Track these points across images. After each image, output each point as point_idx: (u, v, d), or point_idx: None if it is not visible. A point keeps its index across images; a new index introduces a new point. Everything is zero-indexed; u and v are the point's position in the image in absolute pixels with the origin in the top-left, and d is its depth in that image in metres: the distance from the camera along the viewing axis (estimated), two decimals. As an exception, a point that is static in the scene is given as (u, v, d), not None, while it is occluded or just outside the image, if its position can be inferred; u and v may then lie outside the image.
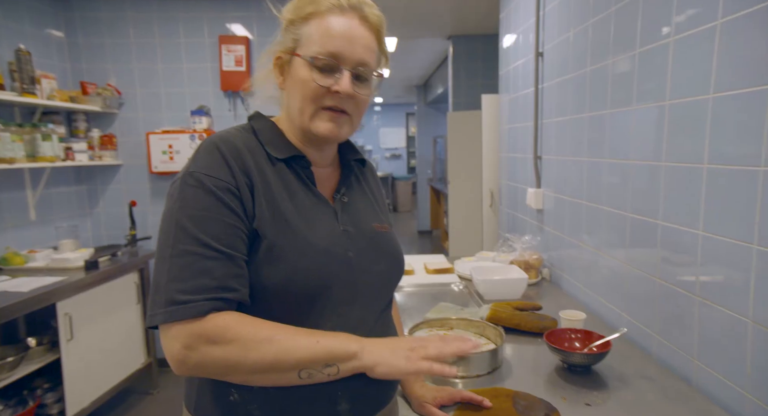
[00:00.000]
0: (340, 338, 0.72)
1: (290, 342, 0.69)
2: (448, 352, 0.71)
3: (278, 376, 0.70)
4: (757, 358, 0.95)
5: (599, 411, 1.03)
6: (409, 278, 2.06)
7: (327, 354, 0.70)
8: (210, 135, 0.81)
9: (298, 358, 0.69)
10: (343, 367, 0.71)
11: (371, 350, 0.71)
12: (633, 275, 1.40)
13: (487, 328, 1.38)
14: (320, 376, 0.70)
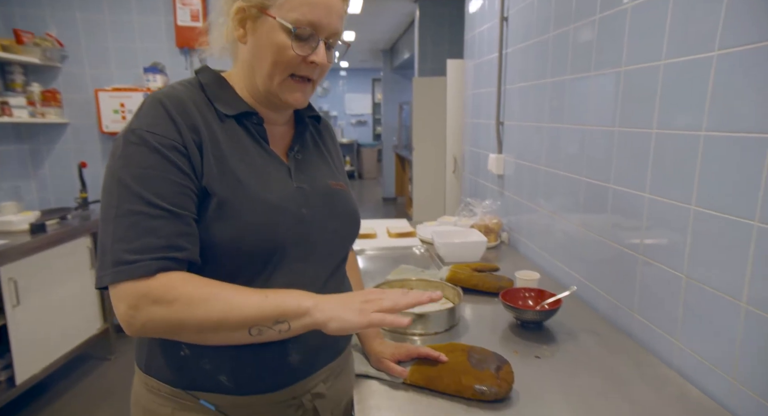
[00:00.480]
0: (292, 294, 0.72)
1: (238, 299, 0.68)
2: (403, 304, 0.70)
3: (228, 334, 0.69)
4: (689, 309, 1.03)
5: (547, 363, 1.09)
6: (372, 241, 2.08)
7: (277, 310, 0.69)
8: (154, 91, 0.77)
9: (247, 315, 0.68)
10: (294, 324, 0.70)
11: (324, 306, 0.71)
12: (585, 238, 1.46)
13: (446, 288, 1.42)
14: (271, 333, 0.70)
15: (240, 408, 0.76)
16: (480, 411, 0.92)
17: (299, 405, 0.81)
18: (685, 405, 0.93)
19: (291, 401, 0.80)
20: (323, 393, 0.84)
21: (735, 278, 0.91)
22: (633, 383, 1.01)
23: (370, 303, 0.70)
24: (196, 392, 0.75)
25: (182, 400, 0.75)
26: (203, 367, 0.74)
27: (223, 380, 0.75)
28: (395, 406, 0.93)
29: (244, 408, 0.76)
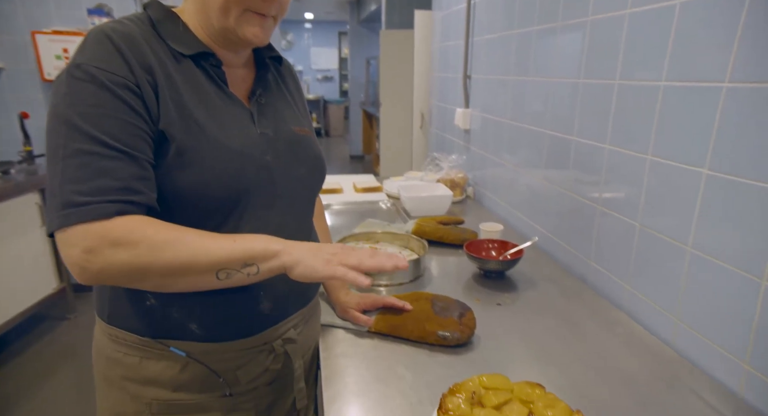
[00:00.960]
0: (261, 238, 0.70)
1: (205, 242, 0.66)
2: (368, 265, 0.70)
3: (195, 279, 0.67)
4: (641, 255, 1.08)
5: (508, 309, 1.13)
6: (338, 196, 2.06)
7: (246, 253, 0.67)
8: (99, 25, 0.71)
9: (216, 258, 0.66)
10: (263, 267, 0.69)
11: (292, 250, 0.70)
12: (548, 191, 1.49)
13: (412, 241, 1.43)
14: (239, 276, 0.69)
15: (211, 354, 0.76)
16: (442, 355, 0.95)
17: (270, 350, 0.81)
18: (633, 343, 0.99)
19: (262, 346, 0.80)
20: (294, 338, 0.85)
21: (683, 224, 0.95)
22: (586, 325, 1.06)
23: (337, 256, 0.70)
24: (166, 340, 0.74)
25: (151, 348, 0.74)
26: (172, 316, 0.73)
27: (194, 328, 0.74)
28: (360, 353, 0.95)
29: (216, 354, 0.76)
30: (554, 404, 0.75)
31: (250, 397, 0.81)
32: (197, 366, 0.75)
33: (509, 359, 0.94)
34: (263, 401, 0.82)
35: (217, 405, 0.78)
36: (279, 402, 0.86)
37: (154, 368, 0.74)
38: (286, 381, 0.86)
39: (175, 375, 0.75)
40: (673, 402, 0.82)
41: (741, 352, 0.84)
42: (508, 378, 0.81)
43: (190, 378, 0.75)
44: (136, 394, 0.75)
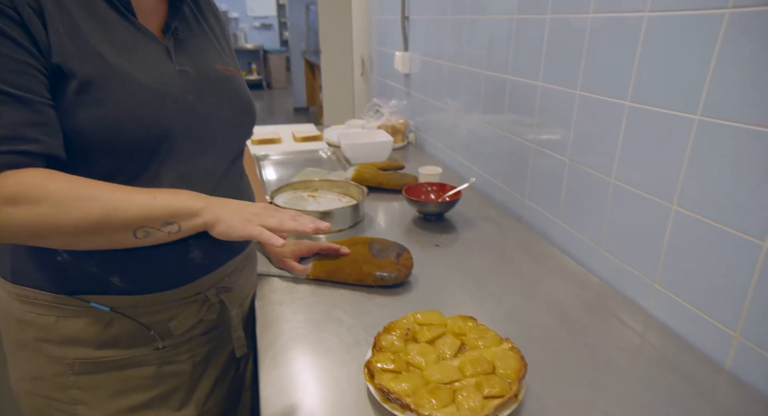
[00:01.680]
0: (182, 194, 0.66)
1: (120, 198, 0.62)
2: (288, 227, 0.68)
3: (109, 237, 0.63)
4: (570, 191, 1.11)
5: (446, 250, 1.15)
6: (276, 146, 1.99)
7: (166, 210, 0.64)
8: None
9: (133, 216, 0.62)
10: (184, 225, 0.66)
11: (214, 208, 0.67)
12: (486, 133, 1.50)
13: (351, 187, 1.41)
14: (159, 235, 0.65)
15: (139, 308, 0.72)
16: (380, 297, 0.96)
17: (204, 300, 0.78)
18: (562, 274, 1.04)
19: (195, 296, 0.77)
20: (229, 286, 0.82)
21: (608, 157, 0.98)
22: (521, 261, 1.10)
23: (258, 216, 0.68)
24: (85, 295, 0.69)
25: (68, 306, 0.69)
26: (89, 271, 0.68)
27: (116, 281, 0.69)
28: (297, 299, 0.94)
29: (144, 307, 0.72)
30: (485, 334, 0.78)
31: (186, 348, 0.78)
32: (124, 320, 0.71)
33: (446, 296, 0.96)
34: (200, 351, 0.80)
35: (150, 359, 0.75)
36: (217, 352, 0.84)
37: (73, 326, 0.70)
38: (223, 331, 0.84)
39: (98, 332, 0.71)
40: (594, 323, 0.87)
41: (652, 273, 0.90)
42: (443, 313, 0.83)
43: (116, 333, 0.72)
44: (54, 355, 0.71)
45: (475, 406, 0.64)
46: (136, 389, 0.74)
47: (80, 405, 0.72)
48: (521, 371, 0.69)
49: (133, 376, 0.74)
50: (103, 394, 0.73)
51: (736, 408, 0.68)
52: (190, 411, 0.79)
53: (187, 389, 0.79)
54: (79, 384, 0.72)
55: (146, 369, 0.75)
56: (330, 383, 0.73)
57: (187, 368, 0.78)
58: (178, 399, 0.78)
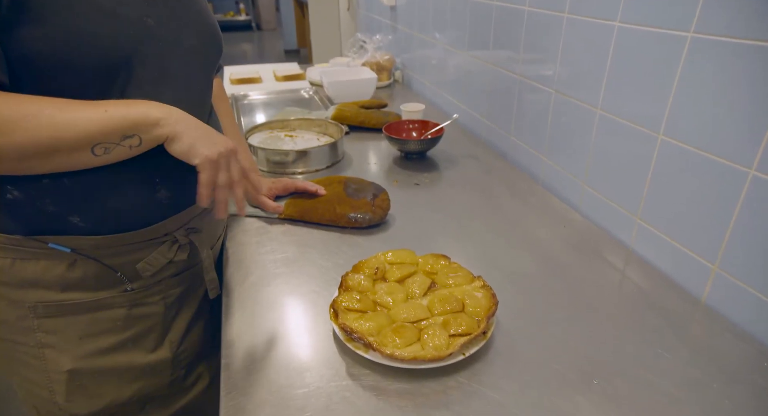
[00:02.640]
0: (138, 104, 0.61)
1: (69, 114, 0.56)
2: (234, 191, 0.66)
3: (65, 158, 0.58)
4: (554, 123, 1.05)
5: (426, 189, 1.11)
6: (256, 86, 1.90)
7: (124, 122, 0.58)
8: None
9: (87, 131, 0.56)
10: (145, 137, 0.60)
11: (178, 118, 0.62)
12: (473, 68, 1.41)
13: (330, 126, 1.35)
14: (120, 150, 0.60)
15: (103, 249, 0.68)
16: (354, 236, 0.93)
17: (173, 241, 0.75)
18: (544, 212, 1.00)
19: (163, 237, 0.73)
20: (199, 227, 0.79)
21: (595, 86, 0.91)
22: (503, 198, 1.06)
23: (222, 158, 0.64)
24: (43, 236, 0.65)
25: (24, 247, 0.65)
26: (45, 209, 0.64)
27: (76, 221, 0.65)
28: (268, 239, 0.91)
29: (109, 248, 0.69)
30: (457, 272, 0.75)
31: (156, 290, 0.75)
32: (88, 262, 0.68)
33: (423, 236, 0.93)
34: (172, 293, 0.77)
35: (119, 302, 0.72)
36: (190, 294, 0.82)
37: (33, 268, 0.66)
38: (195, 272, 0.81)
39: (61, 274, 0.67)
40: (574, 261, 0.84)
41: (635, 207, 0.86)
42: (414, 252, 0.80)
43: (81, 275, 0.68)
44: (13, 299, 0.68)
45: (440, 344, 0.62)
46: (106, 332, 0.72)
47: (47, 348, 0.70)
48: (491, 309, 0.67)
49: (102, 319, 0.71)
50: (71, 337, 0.71)
51: (710, 340, 0.67)
52: (164, 353, 0.77)
53: (161, 331, 0.77)
54: (43, 328, 0.69)
55: (116, 312, 0.72)
56: (297, 324, 0.71)
57: (159, 310, 0.76)
58: (151, 341, 0.76)
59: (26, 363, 0.72)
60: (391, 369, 0.62)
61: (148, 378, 0.76)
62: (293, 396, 0.59)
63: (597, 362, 0.63)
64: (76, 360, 0.71)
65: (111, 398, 0.74)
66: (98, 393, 0.74)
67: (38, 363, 0.71)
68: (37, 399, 0.74)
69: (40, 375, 0.72)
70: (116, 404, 0.75)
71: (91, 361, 0.72)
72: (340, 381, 0.61)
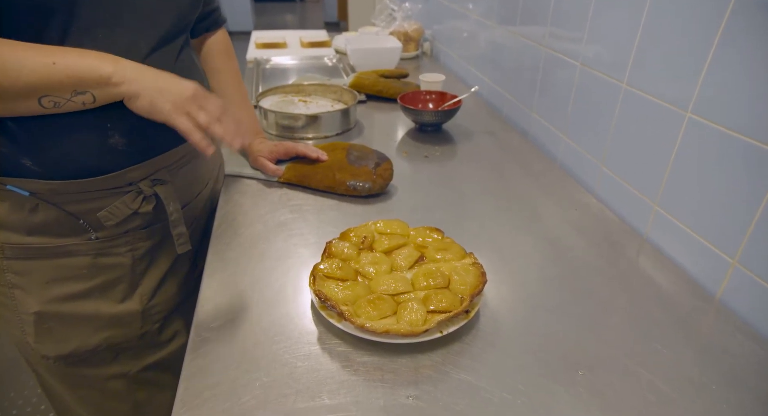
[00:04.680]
0: (89, 57, 0.58)
1: (10, 60, 0.53)
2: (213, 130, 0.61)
3: (10, 105, 0.56)
4: (577, 99, 0.98)
5: (434, 162, 1.06)
6: (280, 51, 1.87)
7: (72, 78, 0.56)
8: None
9: (29, 82, 0.54)
10: (99, 94, 0.58)
11: (133, 75, 0.58)
12: (503, 41, 1.33)
13: (345, 93, 1.30)
14: (72, 105, 0.58)
15: (61, 195, 0.67)
16: (350, 205, 0.89)
17: (138, 192, 0.72)
18: (555, 191, 0.94)
19: (126, 187, 0.71)
20: (165, 179, 0.76)
21: (622, 58, 0.83)
22: (515, 176, 1.00)
23: (188, 103, 0.60)
24: (0, 177, 0.65)
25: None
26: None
27: (28, 164, 0.64)
28: (263, 202, 0.89)
29: (67, 194, 0.67)
30: (449, 247, 0.71)
31: (123, 241, 0.74)
32: (49, 207, 0.67)
33: (421, 209, 0.88)
34: (140, 246, 0.76)
35: (84, 250, 0.71)
36: (162, 247, 0.80)
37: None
38: (166, 226, 0.79)
39: (24, 218, 0.67)
40: (582, 247, 0.78)
41: (653, 193, 0.79)
42: (407, 224, 0.76)
43: (43, 220, 0.67)
44: None
45: (416, 319, 0.58)
46: (72, 278, 0.72)
47: (16, 289, 0.71)
48: (477, 287, 0.63)
49: (67, 265, 0.71)
50: (37, 280, 0.71)
51: (718, 339, 0.61)
52: (134, 305, 0.77)
53: (129, 282, 0.76)
54: (12, 269, 0.70)
55: (81, 259, 0.71)
56: (277, 287, 0.69)
57: (126, 261, 0.75)
58: (119, 293, 0.76)
59: (1, 303, 0.73)
60: (364, 342, 0.59)
61: (117, 328, 0.77)
62: (259, 359, 0.57)
63: (586, 353, 0.58)
64: (43, 304, 0.72)
65: (78, 343, 0.75)
66: (65, 338, 0.74)
67: (10, 302, 0.72)
68: (14, 337, 0.76)
69: (12, 314, 0.73)
70: (84, 350, 0.75)
71: (57, 306, 0.72)
72: (310, 349, 0.59)
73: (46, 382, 0.81)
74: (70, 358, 0.76)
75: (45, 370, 0.78)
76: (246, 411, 0.50)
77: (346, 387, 0.54)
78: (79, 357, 0.76)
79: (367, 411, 0.51)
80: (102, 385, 0.80)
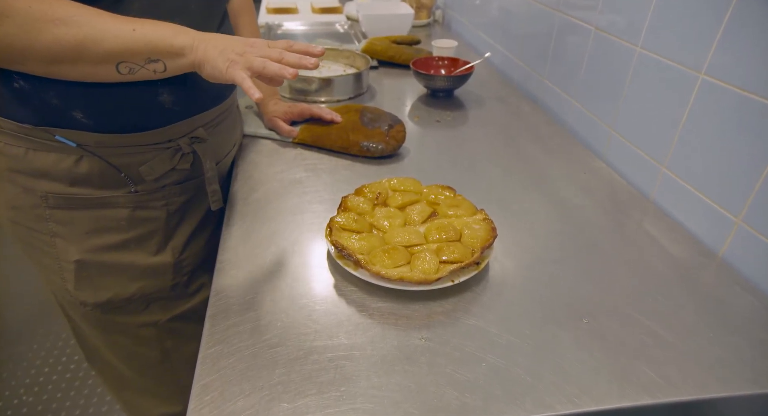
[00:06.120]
0: (167, 28, 0.60)
1: (96, 26, 0.56)
2: (269, 71, 0.60)
3: (90, 68, 0.59)
4: (590, 63, 0.98)
5: (446, 126, 1.07)
6: (291, 17, 1.86)
7: (148, 46, 0.59)
8: None
9: (111, 48, 0.57)
10: (170, 64, 0.61)
11: (201, 46, 0.61)
12: (517, 8, 1.32)
13: (358, 58, 1.31)
14: (144, 73, 0.61)
15: (107, 147, 0.70)
16: (363, 165, 0.91)
17: (177, 149, 0.75)
18: (564, 154, 0.95)
19: (167, 143, 0.74)
20: (203, 137, 0.79)
21: (638, 20, 0.83)
22: (525, 141, 1.01)
23: (242, 56, 0.60)
24: (49, 128, 0.67)
25: (34, 138, 0.67)
26: (50, 102, 0.65)
27: (79, 116, 0.66)
28: (277, 162, 0.91)
29: (112, 147, 0.70)
30: (460, 204, 0.73)
31: (160, 196, 0.77)
32: (93, 159, 0.70)
33: (433, 170, 0.90)
34: (175, 200, 0.79)
35: (123, 202, 0.74)
36: (194, 204, 0.83)
37: (44, 159, 0.69)
38: (199, 183, 0.82)
39: (69, 168, 0.69)
40: (588, 207, 0.80)
41: (662, 155, 0.80)
42: (420, 182, 0.78)
43: (87, 171, 0.70)
44: (28, 187, 0.71)
45: (429, 268, 0.61)
46: (111, 229, 0.75)
47: (58, 237, 0.74)
48: (488, 240, 0.65)
49: (107, 216, 0.74)
50: (78, 230, 0.74)
51: (717, 291, 0.63)
52: (166, 257, 0.80)
53: (163, 236, 0.80)
54: (55, 218, 0.73)
55: (120, 211, 0.75)
56: (293, 240, 0.71)
57: (161, 215, 0.78)
58: (153, 245, 0.79)
59: (42, 250, 0.76)
60: (378, 289, 0.62)
61: (150, 278, 0.80)
62: (278, 302, 0.60)
63: (589, 301, 0.61)
64: (83, 253, 0.75)
65: (115, 291, 0.78)
66: (103, 286, 0.78)
67: (51, 250, 0.75)
68: (53, 285, 0.79)
69: (53, 262, 0.76)
70: (120, 298, 0.79)
71: (96, 255, 0.75)
72: (326, 295, 0.62)
73: (79, 328, 0.86)
74: (106, 306, 0.79)
75: (81, 317, 0.83)
76: (269, 347, 0.54)
77: (362, 328, 0.57)
78: (115, 305, 0.80)
79: (382, 349, 0.54)
80: (134, 332, 0.84)
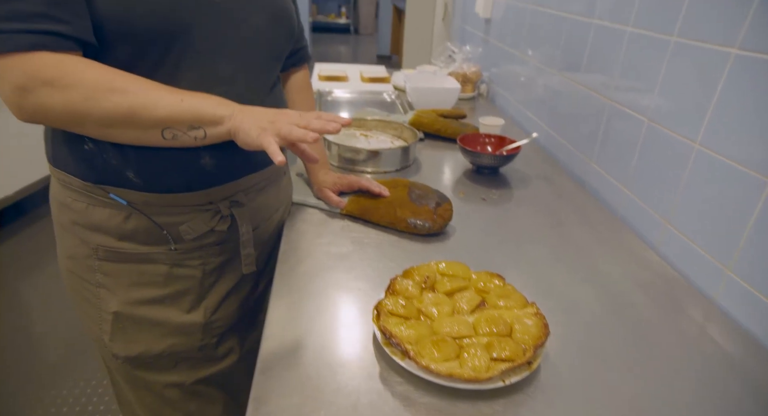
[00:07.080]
0: (210, 100, 0.66)
1: (149, 96, 0.62)
2: (294, 136, 0.62)
3: (138, 134, 0.64)
4: (643, 154, 0.97)
5: (492, 205, 1.07)
6: (341, 84, 1.95)
7: (193, 114, 0.64)
8: None
9: (160, 116, 0.62)
10: (210, 132, 0.66)
11: (239, 116, 0.65)
12: (562, 89, 1.35)
13: (405, 130, 1.35)
14: (186, 139, 0.66)
15: (152, 206, 0.73)
16: (410, 243, 0.91)
17: (216, 211, 0.78)
18: (618, 247, 0.93)
19: (207, 205, 0.77)
20: (242, 202, 0.81)
21: (696, 118, 0.83)
22: (573, 226, 1.00)
23: (273, 124, 0.64)
24: (106, 186, 0.71)
25: (94, 195, 0.72)
26: (109, 162, 0.70)
27: (131, 176, 0.71)
28: (326, 232, 0.92)
29: (157, 206, 0.74)
30: (510, 295, 0.72)
31: (197, 255, 0.79)
32: (140, 217, 0.74)
33: (480, 252, 0.89)
34: (211, 261, 0.81)
35: (163, 258, 0.77)
36: (230, 266, 0.84)
37: (100, 215, 0.73)
38: (236, 245, 0.83)
39: (119, 224, 0.73)
40: (644, 304, 0.77)
41: (726, 258, 0.77)
42: (469, 267, 0.77)
43: (133, 228, 0.74)
44: (84, 239, 0.75)
45: (480, 366, 0.58)
46: (150, 284, 0.77)
47: (103, 289, 0.77)
48: (541, 338, 0.63)
49: (148, 271, 0.77)
50: (122, 283, 0.77)
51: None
52: (198, 317, 0.81)
53: (197, 295, 0.81)
54: (102, 269, 0.76)
55: (160, 267, 0.77)
56: (339, 319, 0.71)
57: (197, 274, 0.80)
58: (187, 303, 0.80)
59: (88, 300, 0.79)
60: (425, 382, 0.60)
61: (180, 337, 0.81)
62: (323, 389, 0.58)
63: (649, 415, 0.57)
64: (122, 305, 0.77)
65: (146, 346, 0.80)
66: (135, 339, 0.79)
67: (95, 300, 0.78)
68: (91, 333, 0.82)
69: (96, 311, 0.79)
70: (150, 354, 0.80)
71: (133, 308, 0.78)
72: (372, 384, 0.60)
73: (114, 378, 0.88)
74: (135, 360, 0.81)
75: (114, 369, 0.85)
76: (311, 441, 0.52)
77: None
78: (143, 361, 0.81)
79: (429, 454, 0.51)
80: (160, 392, 0.85)
